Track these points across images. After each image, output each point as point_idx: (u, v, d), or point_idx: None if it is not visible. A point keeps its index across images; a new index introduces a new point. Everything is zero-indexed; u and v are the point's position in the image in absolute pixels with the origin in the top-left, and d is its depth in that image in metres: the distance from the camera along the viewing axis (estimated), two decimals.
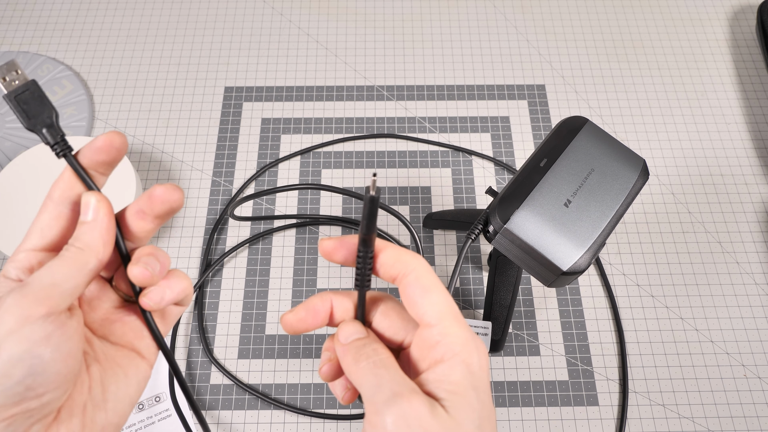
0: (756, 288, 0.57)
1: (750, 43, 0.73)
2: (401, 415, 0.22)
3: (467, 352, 0.24)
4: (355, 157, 0.64)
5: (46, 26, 0.73)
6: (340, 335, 0.26)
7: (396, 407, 0.22)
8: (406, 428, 0.22)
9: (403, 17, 0.75)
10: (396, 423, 0.22)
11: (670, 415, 0.52)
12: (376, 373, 0.23)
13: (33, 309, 0.22)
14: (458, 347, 0.24)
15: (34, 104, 0.23)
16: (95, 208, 0.25)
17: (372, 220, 0.24)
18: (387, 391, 0.22)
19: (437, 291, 0.25)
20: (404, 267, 0.25)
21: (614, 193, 0.42)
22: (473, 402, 0.23)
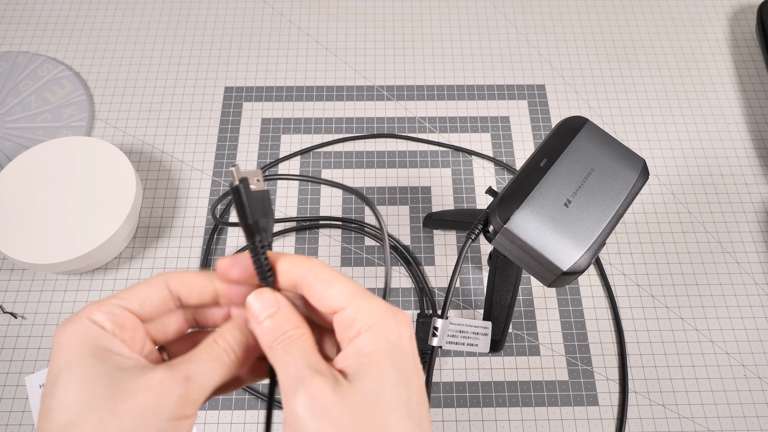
0: (756, 288, 0.57)
1: (750, 43, 0.73)
2: (305, 399, 0.22)
3: (383, 323, 0.24)
4: (355, 157, 0.64)
5: (46, 26, 0.73)
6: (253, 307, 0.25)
7: (300, 392, 0.22)
8: (311, 411, 0.22)
9: (403, 17, 0.75)
10: (303, 407, 0.22)
11: (670, 415, 0.52)
12: (284, 359, 0.23)
13: (189, 410, 0.22)
14: (372, 320, 0.23)
15: (259, 206, 0.26)
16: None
17: (242, 209, 0.25)
18: (292, 376, 0.22)
19: (339, 279, 0.24)
20: (300, 269, 0.25)
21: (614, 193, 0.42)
22: (386, 370, 0.23)
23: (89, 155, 0.57)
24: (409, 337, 0.24)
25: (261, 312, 0.24)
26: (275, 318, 0.24)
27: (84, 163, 0.57)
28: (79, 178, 0.56)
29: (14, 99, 0.67)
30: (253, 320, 0.25)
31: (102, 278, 0.58)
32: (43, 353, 0.54)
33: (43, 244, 0.53)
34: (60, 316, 0.56)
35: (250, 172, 0.27)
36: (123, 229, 0.54)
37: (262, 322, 0.24)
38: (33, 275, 0.58)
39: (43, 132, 0.64)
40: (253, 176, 0.27)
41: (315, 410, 0.22)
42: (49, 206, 0.55)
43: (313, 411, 0.22)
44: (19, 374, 0.53)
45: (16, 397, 0.52)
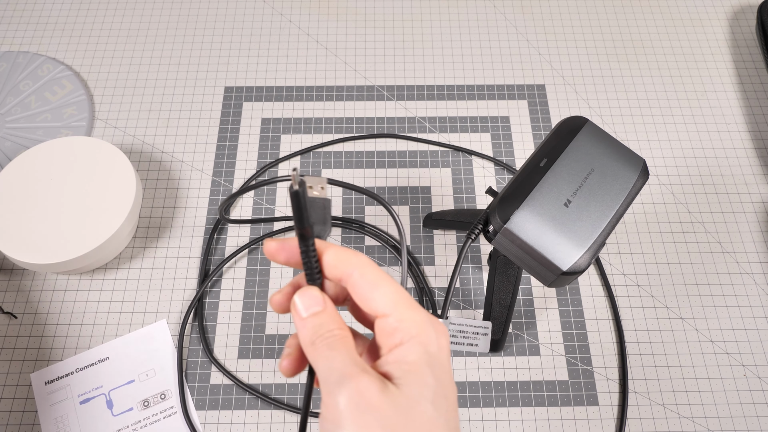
0: (756, 288, 0.57)
1: (750, 43, 0.73)
2: (352, 395, 0.22)
3: (425, 334, 0.24)
4: (355, 157, 0.64)
5: (46, 26, 0.73)
6: (298, 304, 0.25)
7: (346, 387, 0.23)
8: (356, 407, 0.22)
9: (403, 17, 0.75)
10: (347, 402, 0.22)
11: (670, 415, 0.52)
12: (328, 355, 0.24)
13: None
14: (414, 330, 0.24)
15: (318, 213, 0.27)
16: None
17: (300, 215, 0.25)
18: (337, 372, 0.23)
19: (385, 283, 0.25)
20: (347, 266, 0.25)
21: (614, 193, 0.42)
22: (428, 379, 0.23)
23: (89, 155, 0.57)
24: (446, 350, 0.25)
25: (306, 309, 0.25)
26: (320, 316, 0.25)
27: (84, 163, 0.57)
28: (79, 178, 0.56)
29: (14, 99, 0.67)
30: (297, 316, 0.25)
31: (102, 278, 0.58)
32: (42, 353, 0.54)
33: (43, 244, 0.53)
34: (60, 316, 0.56)
35: (315, 179, 0.28)
36: (123, 228, 0.54)
37: (306, 318, 0.25)
38: (33, 275, 0.58)
39: (43, 132, 0.64)
40: (318, 183, 0.28)
41: (361, 406, 0.22)
42: (49, 206, 0.55)
43: (360, 406, 0.22)
44: (19, 374, 0.53)
45: (16, 397, 0.52)
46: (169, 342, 0.54)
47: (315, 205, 0.27)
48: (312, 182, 0.28)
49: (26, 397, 0.52)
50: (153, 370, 0.53)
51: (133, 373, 0.53)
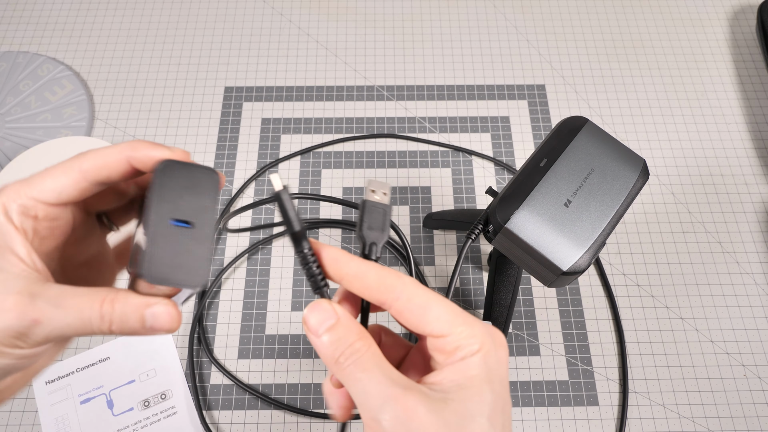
0: (756, 288, 0.57)
1: (750, 43, 0.73)
2: (396, 415, 0.21)
3: (486, 348, 0.23)
4: (355, 157, 0.64)
5: (46, 26, 0.73)
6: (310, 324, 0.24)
7: (390, 408, 0.21)
8: (403, 425, 0.21)
9: (403, 17, 0.75)
10: (392, 423, 0.21)
11: (670, 415, 0.52)
12: (359, 377, 0.22)
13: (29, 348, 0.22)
14: (476, 346, 0.23)
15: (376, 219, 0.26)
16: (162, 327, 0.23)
17: (287, 216, 0.24)
18: (377, 394, 0.22)
19: (436, 303, 0.24)
20: (391, 292, 0.24)
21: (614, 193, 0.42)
22: (485, 394, 0.23)
23: None
24: (505, 362, 0.24)
25: (319, 325, 0.23)
26: (336, 330, 0.23)
27: None
28: None
29: (14, 99, 0.67)
30: (312, 335, 0.24)
31: None
32: None
33: None
34: None
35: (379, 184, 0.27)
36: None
37: (322, 336, 0.23)
38: None
39: (43, 132, 0.64)
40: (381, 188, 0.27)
41: (408, 425, 0.21)
42: None
43: (406, 425, 0.21)
44: None
45: (16, 397, 0.52)
46: (170, 342, 0.54)
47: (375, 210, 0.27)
48: (375, 187, 0.27)
49: (26, 397, 0.52)
50: (153, 370, 0.53)
51: (134, 373, 0.53)
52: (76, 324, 0.22)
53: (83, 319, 0.22)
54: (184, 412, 0.51)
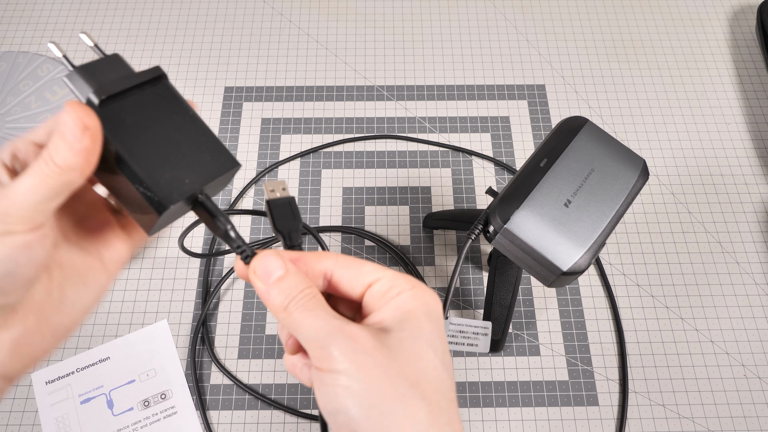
0: (756, 288, 0.57)
1: (750, 43, 0.73)
2: (344, 343, 0.23)
3: (420, 288, 0.25)
4: (355, 157, 0.64)
5: (46, 26, 0.73)
6: (258, 272, 0.25)
7: (338, 338, 0.23)
8: (351, 352, 0.23)
9: (403, 17, 0.75)
10: (341, 350, 0.23)
11: (670, 415, 0.52)
12: (307, 315, 0.24)
13: (16, 226, 0.22)
14: (409, 285, 0.25)
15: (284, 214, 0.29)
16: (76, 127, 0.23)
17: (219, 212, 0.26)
18: (323, 327, 0.23)
19: (368, 262, 0.26)
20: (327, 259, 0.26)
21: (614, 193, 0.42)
22: (423, 323, 0.24)
23: None
24: (440, 308, 0.26)
25: (269, 275, 0.25)
26: (285, 280, 0.25)
27: None
28: None
29: (14, 99, 0.67)
30: (261, 284, 0.25)
31: None
32: None
33: None
34: None
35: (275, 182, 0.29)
36: None
37: (272, 285, 0.25)
38: None
39: None
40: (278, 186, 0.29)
41: (357, 350, 0.23)
42: None
43: (355, 351, 0.23)
44: None
45: (16, 397, 0.52)
46: (170, 342, 0.54)
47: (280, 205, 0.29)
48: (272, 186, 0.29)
49: (26, 397, 0.52)
50: (153, 370, 0.53)
51: (134, 373, 0.53)
52: (35, 182, 0.22)
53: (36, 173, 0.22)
54: (184, 412, 0.51)
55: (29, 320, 0.24)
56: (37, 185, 0.22)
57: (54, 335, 0.25)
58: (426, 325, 0.24)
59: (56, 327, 0.25)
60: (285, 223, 0.28)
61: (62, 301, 0.26)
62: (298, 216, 0.29)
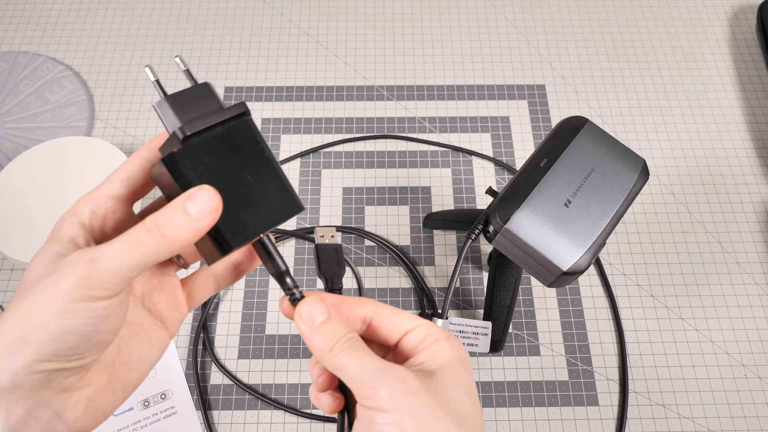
0: (756, 288, 0.57)
1: (750, 43, 0.73)
2: (393, 383, 0.24)
3: (454, 339, 0.27)
4: (355, 157, 0.64)
5: (46, 26, 0.73)
6: (303, 316, 0.26)
7: (387, 377, 0.24)
8: (401, 392, 0.24)
9: (403, 17, 0.75)
10: (390, 390, 0.24)
11: (670, 415, 0.52)
12: (355, 356, 0.25)
13: (97, 292, 0.22)
14: (445, 335, 0.27)
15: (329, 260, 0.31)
16: (207, 209, 0.23)
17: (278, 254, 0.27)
18: (373, 369, 0.24)
19: (403, 311, 0.28)
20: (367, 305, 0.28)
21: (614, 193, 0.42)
22: (461, 372, 0.26)
23: (89, 155, 0.57)
24: (469, 359, 0.28)
25: (313, 320, 0.26)
26: (330, 323, 0.26)
27: (84, 163, 0.57)
28: (79, 178, 0.56)
29: (14, 99, 0.67)
30: (306, 326, 0.26)
31: None
32: None
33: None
34: None
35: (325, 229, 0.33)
36: None
37: (317, 327, 0.26)
38: None
39: (43, 132, 0.64)
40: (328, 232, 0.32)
41: (406, 390, 0.24)
42: (49, 206, 0.55)
43: (405, 391, 0.24)
44: None
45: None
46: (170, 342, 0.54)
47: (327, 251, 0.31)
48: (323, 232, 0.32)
49: None
50: (153, 370, 0.53)
51: None
52: (128, 248, 0.22)
53: (133, 240, 0.23)
54: (184, 412, 0.51)
55: (103, 378, 0.25)
56: (129, 252, 0.22)
57: (123, 391, 0.26)
58: (463, 373, 0.26)
59: (125, 383, 0.26)
60: (329, 268, 0.31)
61: (130, 358, 0.26)
62: (343, 263, 0.32)
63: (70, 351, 0.22)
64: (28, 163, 0.57)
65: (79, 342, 0.22)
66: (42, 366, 0.22)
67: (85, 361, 0.23)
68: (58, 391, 0.23)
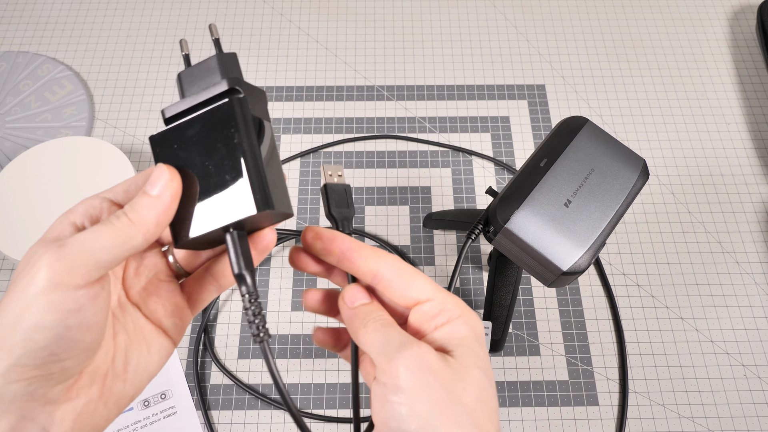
0: (756, 288, 0.57)
1: (750, 43, 0.73)
2: (412, 360, 0.23)
3: (469, 315, 0.26)
4: (355, 157, 0.64)
5: (46, 26, 0.73)
6: (346, 298, 0.27)
7: (407, 353, 0.24)
8: (418, 371, 0.23)
9: (403, 17, 0.75)
10: (408, 367, 0.23)
11: (670, 415, 0.52)
12: (384, 331, 0.25)
13: (67, 277, 0.21)
14: (458, 311, 0.26)
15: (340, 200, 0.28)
16: (163, 186, 0.23)
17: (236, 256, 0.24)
18: (396, 342, 0.24)
19: (420, 275, 0.27)
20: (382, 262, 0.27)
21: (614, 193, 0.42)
22: (478, 351, 0.25)
23: (89, 155, 0.57)
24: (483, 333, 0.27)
25: (356, 299, 0.27)
26: (369, 306, 0.27)
27: (84, 163, 0.57)
28: (79, 178, 0.56)
29: (14, 99, 0.67)
30: (348, 304, 0.27)
31: None
32: None
33: None
34: None
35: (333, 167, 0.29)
36: None
37: (357, 308, 0.27)
38: None
39: (43, 132, 0.64)
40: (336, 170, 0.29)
41: (423, 370, 0.23)
42: (49, 206, 0.55)
43: (422, 370, 0.23)
44: None
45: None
46: None
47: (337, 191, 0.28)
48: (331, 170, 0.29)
49: None
50: None
51: None
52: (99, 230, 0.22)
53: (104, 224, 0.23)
54: (184, 412, 0.51)
55: (93, 391, 0.24)
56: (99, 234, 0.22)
57: (117, 405, 0.25)
58: (480, 352, 0.25)
59: (119, 396, 0.25)
60: (340, 210, 0.28)
61: (126, 368, 0.25)
62: (353, 205, 0.29)
63: (43, 352, 0.21)
64: (28, 163, 0.57)
65: (51, 340, 0.21)
66: (19, 374, 0.21)
67: (65, 365, 0.22)
68: (43, 403, 0.22)
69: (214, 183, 0.24)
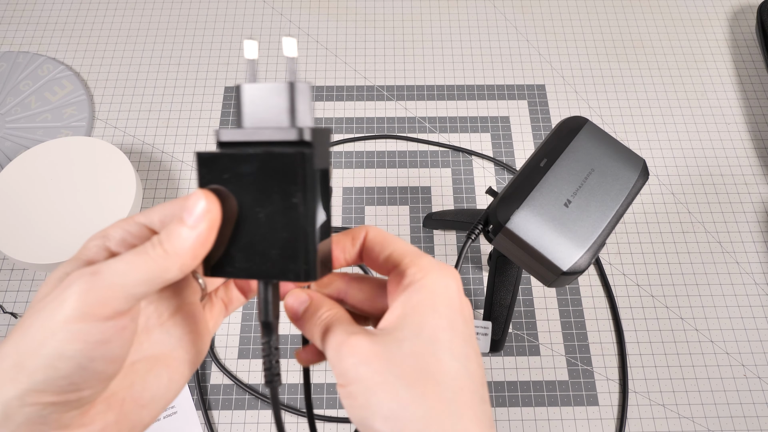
0: (756, 288, 0.57)
1: (750, 43, 0.73)
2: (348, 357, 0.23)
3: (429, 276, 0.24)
4: (355, 157, 0.64)
5: (46, 26, 0.73)
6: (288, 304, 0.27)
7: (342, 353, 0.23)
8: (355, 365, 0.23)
9: (403, 17, 0.75)
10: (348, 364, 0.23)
11: (670, 415, 0.52)
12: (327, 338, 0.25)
13: (97, 308, 0.21)
14: (420, 274, 0.24)
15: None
16: (200, 216, 0.22)
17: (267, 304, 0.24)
18: (335, 347, 0.24)
19: (397, 239, 0.27)
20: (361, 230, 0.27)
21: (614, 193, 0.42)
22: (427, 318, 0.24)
23: (89, 155, 0.57)
24: (455, 288, 0.25)
25: (298, 308, 0.26)
26: (309, 309, 0.26)
27: (84, 163, 0.57)
28: (79, 178, 0.56)
29: (14, 99, 0.67)
30: (293, 317, 0.26)
31: None
32: None
33: (43, 244, 0.53)
34: None
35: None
36: None
37: (301, 316, 0.26)
38: (33, 275, 0.58)
39: (43, 132, 0.64)
40: None
41: (358, 364, 0.23)
42: (49, 206, 0.55)
43: (357, 365, 0.23)
44: None
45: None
46: None
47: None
48: None
49: None
50: None
51: None
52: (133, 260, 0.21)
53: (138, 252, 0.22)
54: (184, 412, 0.51)
55: (108, 416, 0.23)
56: (134, 264, 0.21)
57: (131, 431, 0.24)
58: (429, 318, 0.23)
59: (134, 422, 0.24)
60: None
61: (143, 394, 0.24)
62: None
63: (63, 381, 0.21)
64: (28, 163, 0.57)
65: (74, 370, 0.20)
66: (35, 398, 0.20)
67: (82, 395, 0.21)
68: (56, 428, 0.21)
69: (261, 232, 0.23)
